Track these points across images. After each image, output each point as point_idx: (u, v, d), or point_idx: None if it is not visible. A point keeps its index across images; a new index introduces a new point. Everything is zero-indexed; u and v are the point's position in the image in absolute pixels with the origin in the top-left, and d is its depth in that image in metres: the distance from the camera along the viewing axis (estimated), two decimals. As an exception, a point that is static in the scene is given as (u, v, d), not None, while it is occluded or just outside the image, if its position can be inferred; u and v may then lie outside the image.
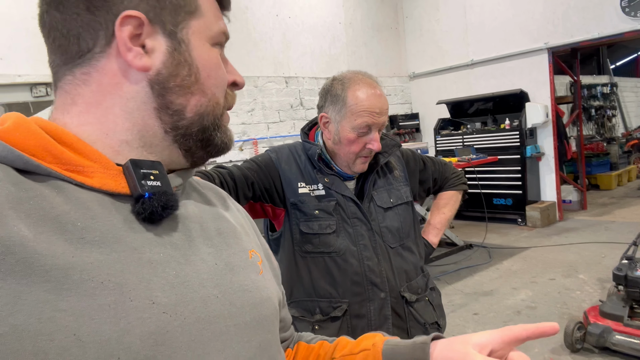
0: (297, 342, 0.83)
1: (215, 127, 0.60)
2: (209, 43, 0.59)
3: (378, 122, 1.38)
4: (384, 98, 1.41)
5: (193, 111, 0.57)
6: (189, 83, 0.56)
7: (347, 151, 1.41)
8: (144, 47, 0.54)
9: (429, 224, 1.72)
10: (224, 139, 0.62)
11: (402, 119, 7.97)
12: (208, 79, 0.58)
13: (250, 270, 0.62)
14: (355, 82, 1.40)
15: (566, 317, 3.50)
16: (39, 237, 0.43)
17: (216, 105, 0.60)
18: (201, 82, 0.57)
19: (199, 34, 0.58)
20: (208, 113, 0.59)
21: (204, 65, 0.58)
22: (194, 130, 0.58)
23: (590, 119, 9.87)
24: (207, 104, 0.58)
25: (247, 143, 6.28)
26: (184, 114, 0.57)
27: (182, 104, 0.56)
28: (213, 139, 0.60)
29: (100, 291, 0.44)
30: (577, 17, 6.15)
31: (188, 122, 0.57)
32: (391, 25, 8.15)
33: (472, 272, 4.84)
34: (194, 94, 0.57)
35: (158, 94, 0.55)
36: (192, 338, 0.50)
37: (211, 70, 0.58)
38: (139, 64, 0.53)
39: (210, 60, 0.59)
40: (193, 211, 0.60)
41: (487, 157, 6.08)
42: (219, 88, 0.60)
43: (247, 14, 6.33)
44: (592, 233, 5.83)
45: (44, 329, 0.40)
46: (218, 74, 0.59)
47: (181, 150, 0.59)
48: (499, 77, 7.05)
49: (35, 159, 0.48)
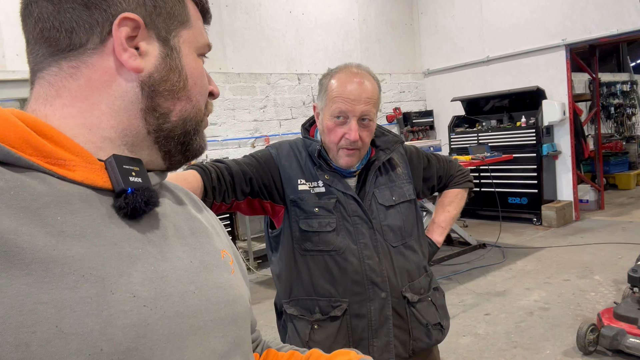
0: (267, 349, 0.84)
1: (195, 132, 0.63)
2: (196, 53, 0.62)
3: (354, 110, 1.33)
4: (366, 87, 1.35)
5: (178, 115, 0.60)
6: (177, 89, 0.59)
7: (329, 141, 1.39)
8: (138, 49, 0.56)
9: (433, 222, 1.69)
10: (201, 144, 0.65)
11: (416, 116, 7.90)
12: (194, 87, 0.61)
13: (223, 270, 0.64)
14: (339, 71, 1.39)
15: (580, 318, 3.43)
16: (19, 229, 0.43)
17: (199, 111, 0.63)
18: (188, 88, 0.60)
19: (189, 43, 0.61)
20: (191, 118, 0.61)
21: (192, 73, 0.61)
22: (177, 133, 0.60)
23: (609, 117, 9.67)
24: (191, 110, 0.61)
25: (259, 140, 6.28)
26: (169, 117, 0.59)
27: (169, 107, 0.59)
28: (192, 143, 0.63)
29: (81, 284, 0.45)
30: (596, 13, 6.02)
31: (172, 125, 0.59)
32: (406, 21, 8.08)
33: (484, 271, 4.77)
34: (180, 100, 0.60)
35: (147, 96, 0.57)
36: (171, 331, 0.51)
37: (197, 79, 0.62)
38: (133, 64, 0.55)
39: (197, 69, 0.62)
40: (168, 211, 0.62)
41: (502, 155, 6.00)
42: (202, 96, 0.63)
43: (260, 10, 6.33)
44: (609, 233, 5.71)
45: (26, 321, 0.41)
46: (202, 82, 0.63)
47: (161, 152, 0.60)
48: (515, 74, 6.94)
49: (16, 151, 0.47)
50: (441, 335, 1.51)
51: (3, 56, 4.55)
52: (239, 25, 6.14)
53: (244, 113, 6.21)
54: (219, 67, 5.95)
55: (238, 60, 6.14)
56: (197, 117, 0.62)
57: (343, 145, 1.37)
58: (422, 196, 1.67)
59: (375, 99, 1.38)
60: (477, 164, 5.68)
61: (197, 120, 0.62)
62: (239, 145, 6.14)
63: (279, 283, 1.48)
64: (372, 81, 1.39)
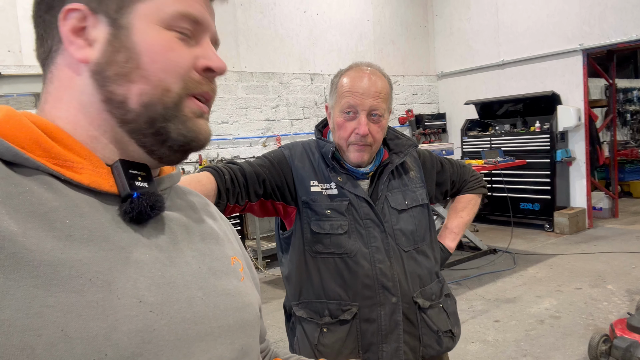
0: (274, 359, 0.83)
1: (168, 118, 0.55)
2: (161, 26, 0.55)
3: (363, 104, 1.33)
4: (375, 82, 1.35)
5: (137, 102, 0.53)
6: (127, 70, 0.53)
7: (339, 137, 1.39)
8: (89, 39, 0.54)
9: (445, 227, 1.66)
10: (183, 131, 0.56)
11: (428, 119, 7.85)
12: (152, 64, 0.54)
13: (232, 276, 0.63)
14: (349, 69, 1.41)
15: (591, 328, 3.38)
16: (27, 232, 0.43)
17: (165, 92, 0.54)
18: (143, 67, 0.53)
19: (146, 17, 0.54)
20: (155, 103, 0.54)
21: (147, 49, 0.54)
22: (142, 123, 0.54)
23: (625, 124, 9.52)
24: (153, 92, 0.54)
25: (270, 139, 6.28)
26: (128, 105, 0.53)
27: (124, 94, 0.53)
28: (169, 132, 0.55)
29: (88, 288, 0.45)
30: (614, 18, 5.93)
31: (134, 114, 0.54)
32: (420, 23, 8.04)
33: (495, 277, 4.72)
34: (134, 82, 0.53)
35: (99, 85, 0.53)
36: (177, 337, 0.50)
37: (157, 55, 0.54)
38: (79, 55, 0.53)
39: (157, 44, 0.54)
40: (177, 216, 0.61)
41: (515, 160, 5.94)
42: (169, 73, 0.54)
43: (275, 10, 6.34)
44: (623, 242, 5.62)
45: (32, 324, 0.40)
46: (168, 57, 0.54)
47: (140, 147, 0.56)
48: (530, 78, 6.87)
49: (25, 152, 0.48)
50: (452, 342, 1.49)
51: (20, 51, 4.60)
52: (253, 24, 6.15)
53: (256, 112, 6.21)
54: (232, 65, 5.96)
55: (251, 59, 6.15)
56: (164, 100, 0.54)
57: (353, 141, 1.36)
58: (435, 201, 1.65)
59: (385, 94, 1.37)
60: (489, 168, 5.63)
61: (166, 104, 0.54)
62: (250, 144, 6.15)
63: (288, 285, 1.47)
64: (382, 77, 1.39)
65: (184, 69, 0.56)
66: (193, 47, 0.57)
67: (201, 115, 0.58)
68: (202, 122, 0.58)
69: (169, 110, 0.55)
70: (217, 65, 0.58)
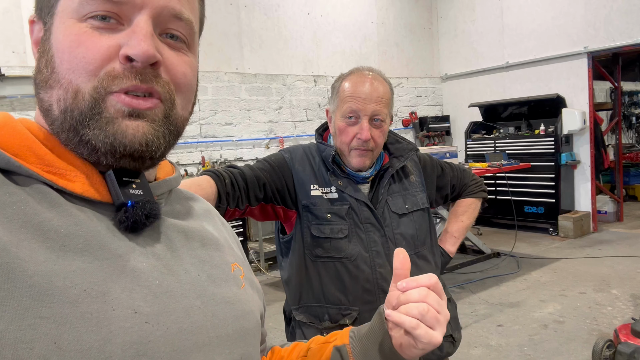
0: (271, 348, 0.82)
1: (85, 124, 0.48)
2: (75, 18, 0.48)
3: (365, 109, 1.33)
4: (377, 87, 1.35)
5: (57, 109, 0.49)
6: (46, 76, 0.50)
7: (341, 142, 1.38)
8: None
9: (446, 231, 1.65)
10: (101, 137, 0.48)
11: (432, 121, 7.83)
12: (61, 65, 0.48)
13: (232, 284, 0.61)
14: (350, 73, 1.40)
15: (595, 333, 3.35)
16: (21, 243, 0.43)
17: (75, 94, 0.48)
18: (56, 71, 0.49)
19: (63, 12, 0.49)
20: (71, 108, 0.48)
21: (57, 49, 0.49)
22: (67, 132, 0.49)
23: (631, 127, 9.48)
24: (66, 97, 0.48)
25: (273, 141, 6.28)
26: (53, 112, 0.50)
27: (48, 101, 0.50)
28: (90, 140, 0.48)
29: (82, 299, 0.44)
30: (620, 21, 5.90)
31: (59, 123, 0.50)
32: (424, 25, 8.02)
33: (498, 281, 4.70)
34: (52, 88, 0.49)
35: (35, 94, 0.53)
36: (174, 348, 0.49)
37: (63, 53, 0.48)
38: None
39: (65, 40, 0.48)
40: (176, 222, 0.59)
41: (520, 164, 5.92)
42: (76, 72, 0.48)
43: (279, 11, 6.34)
44: (628, 246, 5.58)
45: (24, 337, 0.40)
46: (74, 54, 0.48)
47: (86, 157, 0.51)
48: (535, 81, 6.84)
49: (18, 160, 0.47)
50: (452, 347, 1.48)
51: (24, 52, 4.61)
52: (257, 25, 6.15)
53: (259, 114, 6.21)
54: (236, 67, 5.97)
55: (255, 60, 6.15)
56: (77, 104, 0.48)
57: (355, 145, 1.36)
58: (435, 205, 1.64)
59: (387, 99, 1.37)
60: (493, 171, 5.60)
61: (81, 108, 0.48)
62: (253, 146, 6.15)
63: (288, 289, 1.46)
64: (384, 83, 1.39)
65: (93, 65, 0.48)
66: (118, 33, 0.49)
67: (132, 114, 0.49)
68: (129, 123, 0.49)
69: (85, 114, 0.48)
70: (134, 52, 0.48)
